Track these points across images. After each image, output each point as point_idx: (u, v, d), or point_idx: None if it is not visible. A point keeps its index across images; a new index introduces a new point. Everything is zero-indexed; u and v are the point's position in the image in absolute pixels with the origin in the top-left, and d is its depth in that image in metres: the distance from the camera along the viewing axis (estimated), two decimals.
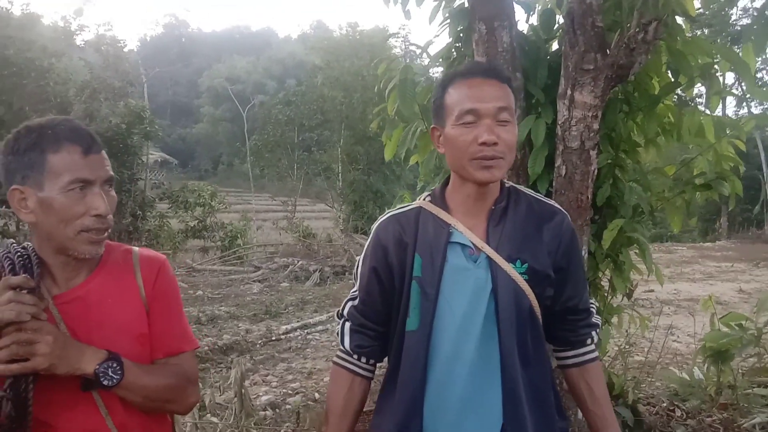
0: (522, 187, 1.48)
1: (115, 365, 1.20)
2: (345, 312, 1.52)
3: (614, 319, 3.24)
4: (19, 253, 1.26)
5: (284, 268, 13.80)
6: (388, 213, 1.50)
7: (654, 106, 2.88)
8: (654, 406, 3.78)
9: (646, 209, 2.97)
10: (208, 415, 3.72)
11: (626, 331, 3.60)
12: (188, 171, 42.07)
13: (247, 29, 75.94)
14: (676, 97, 3.11)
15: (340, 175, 22.35)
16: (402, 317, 1.40)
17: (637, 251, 3.02)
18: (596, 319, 1.50)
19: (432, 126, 1.45)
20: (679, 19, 2.82)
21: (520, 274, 1.34)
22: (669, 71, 2.90)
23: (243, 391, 3.47)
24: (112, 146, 16.22)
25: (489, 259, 1.35)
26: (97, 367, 1.18)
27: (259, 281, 12.71)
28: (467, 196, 1.40)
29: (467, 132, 1.32)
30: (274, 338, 7.43)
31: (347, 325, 1.50)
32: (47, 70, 15.10)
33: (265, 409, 4.63)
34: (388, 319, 1.46)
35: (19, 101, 14.37)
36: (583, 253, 2.79)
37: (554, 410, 1.41)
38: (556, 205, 1.47)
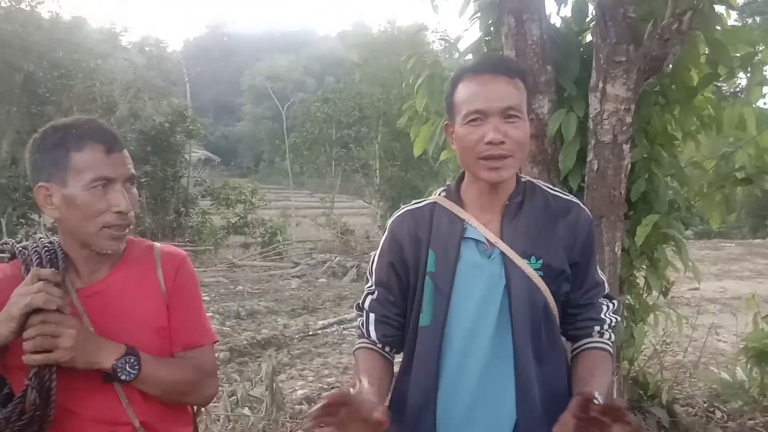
0: (539, 182, 1.45)
1: (132, 360, 1.24)
2: (366, 305, 1.51)
3: (650, 318, 3.17)
4: (46, 248, 1.31)
5: (322, 263, 13.95)
6: (404, 208, 1.50)
7: (692, 99, 2.80)
8: (693, 407, 3.67)
9: (682, 204, 2.88)
10: (242, 408, 3.79)
11: (663, 329, 3.50)
12: (231, 168, 42.66)
13: (287, 27, 76.79)
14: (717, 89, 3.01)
15: (377, 171, 22.34)
16: (415, 312, 1.40)
17: (674, 248, 2.94)
18: (606, 315, 1.43)
19: (446, 122, 1.44)
20: (720, 8, 2.73)
21: (535, 270, 1.32)
22: (708, 62, 2.81)
23: (274, 385, 3.52)
24: (155, 144, 16.71)
25: (503, 254, 1.33)
26: (115, 362, 1.22)
27: (298, 277, 12.88)
28: (481, 191, 1.39)
29: (474, 131, 1.30)
30: (311, 333, 7.51)
31: (372, 316, 1.49)
32: (93, 71, 15.65)
33: (300, 403, 4.69)
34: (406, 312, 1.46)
35: (68, 101, 14.92)
36: (617, 249, 2.73)
37: None
38: (574, 199, 1.43)
